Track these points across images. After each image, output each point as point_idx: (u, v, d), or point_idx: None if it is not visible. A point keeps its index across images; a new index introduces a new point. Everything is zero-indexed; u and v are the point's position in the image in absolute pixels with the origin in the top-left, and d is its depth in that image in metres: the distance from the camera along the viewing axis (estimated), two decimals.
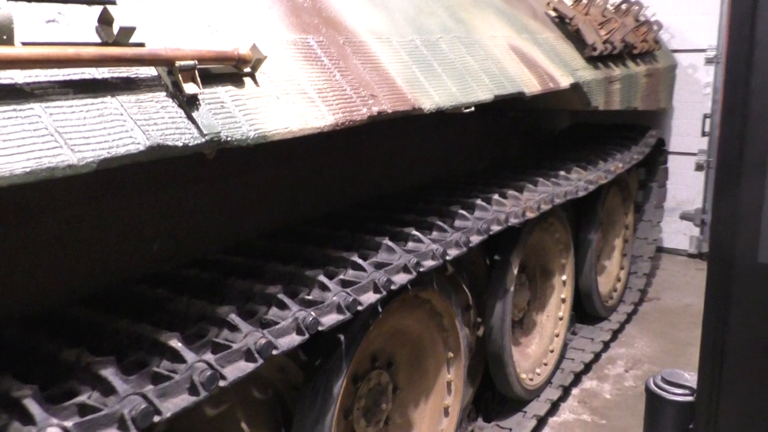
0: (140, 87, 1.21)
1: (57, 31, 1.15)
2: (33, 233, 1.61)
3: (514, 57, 2.60)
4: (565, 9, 3.25)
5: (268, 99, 1.44)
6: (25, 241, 1.59)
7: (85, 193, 1.71)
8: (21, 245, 1.58)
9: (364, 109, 1.67)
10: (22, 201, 1.57)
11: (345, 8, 1.94)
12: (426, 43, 2.15)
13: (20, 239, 1.58)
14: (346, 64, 1.74)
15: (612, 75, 3.39)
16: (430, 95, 1.95)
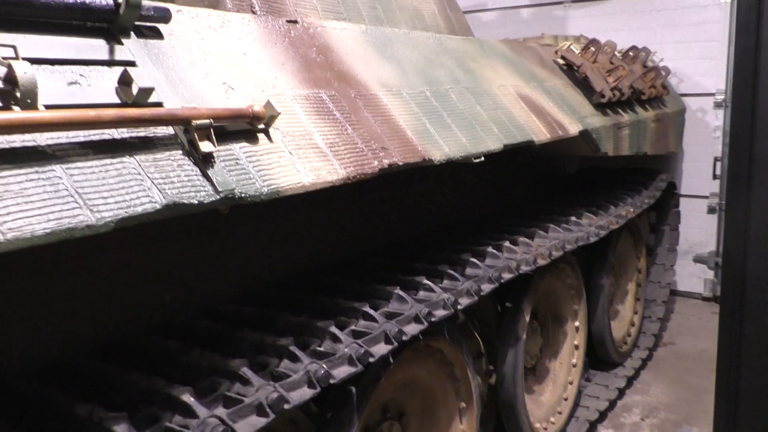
0: (157, 146, 1.24)
1: (79, 93, 1.19)
2: (45, 285, 1.63)
3: (523, 105, 2.64)
4: (572, 57, 3.31)
5: (281, 154, 1.47)
6: (38, 293, 1.61)
7: (97, 244, 1.73)
8: (33, 297, 1.61)
9: (375, 162, 1.70)
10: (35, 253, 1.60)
11: (357, 62, 1.99)
12: (436, 94, 2.19)
13: (32, 291, 1.61)
14: (358, 117, 1.78)
15: (621, 121, 3.42)
16: (440, 146, 1.97)
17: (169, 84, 1.36)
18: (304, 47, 1.85)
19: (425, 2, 2.98)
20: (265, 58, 1.69)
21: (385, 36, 2.24)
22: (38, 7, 1.20)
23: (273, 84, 1.62)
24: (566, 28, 5.78)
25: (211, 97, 1.44)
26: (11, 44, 1.10)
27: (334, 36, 2.01)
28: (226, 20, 1.69)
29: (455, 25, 3.14)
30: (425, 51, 2.38)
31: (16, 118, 1.00)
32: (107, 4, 1.30)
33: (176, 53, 1.45)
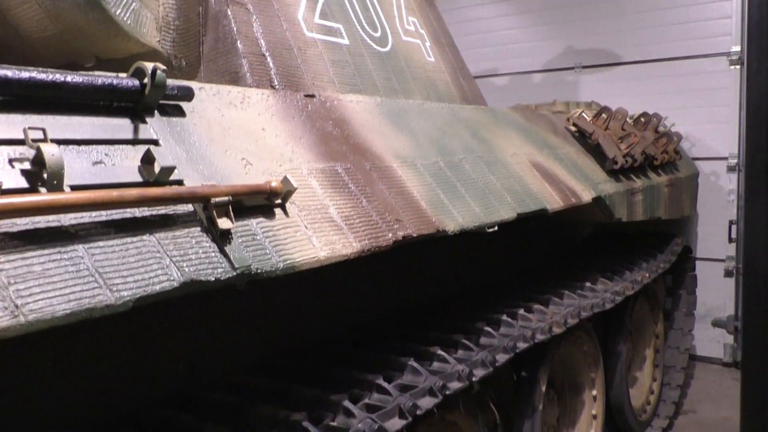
0: (177, 223, 1.27)
1: (103, 172, 1.23)
2: (58, 354, 1.64)
3: (536, 174, 2.67)
4: (584, 124, 3.35)
5: (297, 229, 1.49)
6: (52, 362, 1.62)
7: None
8: (48, 365, 1.61)
9: (390, 234, 1.72)
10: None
11: (372, 134, 2.03)
12: (449, 164, 2.22)
13: (45, 359, 1.61)
14: (372, 189, 1.81)
15: (634, 187, 3.43)
16: (454, 217, 1.99)
17: (190, 161, 1.40)
18: (320, 121, 1.90)
19: (439, 72, 3.06)
20: (283, 133, 1.73)
21: (400, 107, 2.30)
22: (68, 89, 1.26)
23: (290, 158, 1.66)
24: (577, 92, 5.88)
25: (231, 173, 1.47)
26: (41, 127, 1.14)
27: (350, 109, 2.06)
28: (246, 96, 1.74)
29: (468, 94, 3.21)
30: (439, 121, 2.43)
31: (43, 200, 1.03)
32: (133, 85, 1.36)
33: (197, 130, 1.50)
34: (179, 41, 2.01)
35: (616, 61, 5.71)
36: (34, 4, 1.74)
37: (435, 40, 3.19)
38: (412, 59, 2.87)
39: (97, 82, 1.29)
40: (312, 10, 2.35)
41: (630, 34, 5.65)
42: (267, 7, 2.12)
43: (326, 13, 2.41)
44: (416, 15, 3.12)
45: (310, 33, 2.27)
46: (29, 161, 1.11)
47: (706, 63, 5.30)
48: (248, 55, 1.95)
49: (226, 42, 1.96)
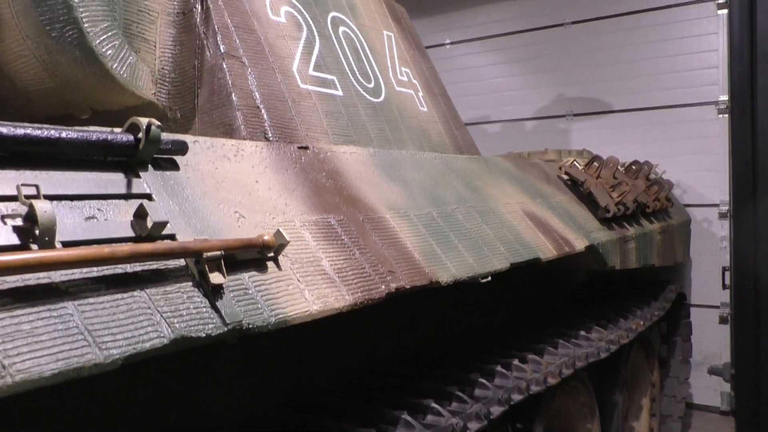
0: (168, 278, 1.26)
1: (95, 228, 1.23)
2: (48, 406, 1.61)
3: (529, 223, 2.68)
4: (576, 173, 3.39)
5: (289, 282, 1.49)
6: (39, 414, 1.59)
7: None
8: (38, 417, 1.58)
9: (383, 287, 1.71)
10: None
11: (365, 185, 2.05)
12: (442, 214, 2.23)
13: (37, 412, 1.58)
14: (365, 241, 1.81)
15: (626, 235, 3.45)
16: (447, 267, 1.99)
17: (183, 215, 1.40)
18: (314, 172, 1.91)
19: (432, 122, 3.10)
20: (276, 185, 1.74)
21: (393, 158, 2.32)
22: (62, 145, 1.27)
23: (283, 211, 1.67)
24: (569, 140, 5.96)
25: (223, 226, 1.47)
26: (34, 183, 1.14)
27: (344, 160, 2.08)
28: (239, 149, 1.75)
29: (461, 143, 3.25)
30: (432, 171, 2.45)
31: (34, 257, 1.02)
32: (128, 140, 1.37)
33: (191, 184, 1.50)
34: (175, 93, 2.04)
35: (607, 109, 5.80)
36: (32, 58, 1.76)
37: (428, 90, 3.24)
38: (405, 109, 2.91)
39: (92, 137, 1.30)
40: (306, 62, 2.39)
41: (620, 83, 5.76)
42: (262, 59, 2.16)
43: (320, 65, 2.45)
44: (409, 65, 3.17)
45: (305, 85, 2.31)
46: (21, 218, 1.11)
47: (694, 111, 5.39)
48: (243, 108, 1.98)
49: (221, 94, 1.99)
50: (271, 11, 2.33)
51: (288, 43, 2.33)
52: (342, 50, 2.63)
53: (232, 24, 2.11)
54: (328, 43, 2.55)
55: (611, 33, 5.75)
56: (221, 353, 2.06)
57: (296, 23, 2.43)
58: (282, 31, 2.34)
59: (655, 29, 5.56)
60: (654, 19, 5.57)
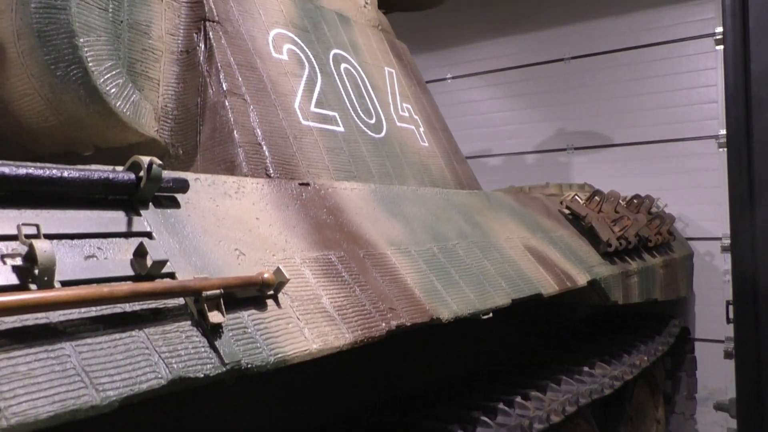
0: (167, 317, 1.26)
1: (95, 267, 1.23)
2: None
3: (530, 258, 2.68)
4: (578, 207, 3.39)
5: (289, 320, 1.48)
6: None
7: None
8: None
9: (383, 324, 1.70)
10: None
11: (366, 221, 2.05)
12: (443, 250, 2.23)
13: None
14: (366, 278, 1.81)
15: (629, 269, 3.44)
16: (448, 304, 1.98)
17: (183, 253, 1.40)
18: (315, 209, 1.92)
19: (433, 157, 3.11)
20: (277, 222, 1.74)
21: (394, 194, 2.33)
22: (64, 184, 1.27)
23: (284, 248, 1.67)
24: (570, 173, 5.98)
25: (223, 264, 1.47)
26: (35, 223, 1.15)
27: (344, 196, 2.08)
28: (241, 186, 1.76)
29: (462, 178, 3.26)
30: (432, 207, 2.45)
31: (32, 298, 1.02)
32: (129, 179, 1.38)
33: (192, 221, 1.51)
34: (177, 130, 2.06)
35: (608, 143, 5.84)
36: (37, 97, 1.78)
37: (429, 125, 3.26)
38: (407, 144, 2.92)
39: (94, 176, 1.31)
40: (308, 99, 2.41)
41: (620, 117, 5.80)
42: (264, 97, 2.18)
43: (322, 102, 2.47)
44: (410, 101, 3.20)
45: (306, 121, 2.33)
46: (21, 257, 1.12)
47: (694, 145, 5.41)
48: (244, 145, 1.99)
49: (223, 132, 2.01)
50: (273, 49, 2.36)
51: (290, 80, 2.36)
52: (344, 87, 2.65)
53: (235, 62, 2.14)
54: (330, 80, 2.58)
55: (611, 68, 5.81)
56: (220, 389, 2.04)
57: (298, 60, 2.46)
58: (284, 68, 2.36)
59: (654, 64, 5.62)
60: (653, 54, 5.63)
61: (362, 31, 3.05)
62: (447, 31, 6.68)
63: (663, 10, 5.61)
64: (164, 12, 2.06)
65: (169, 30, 2.07)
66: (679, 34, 5.52)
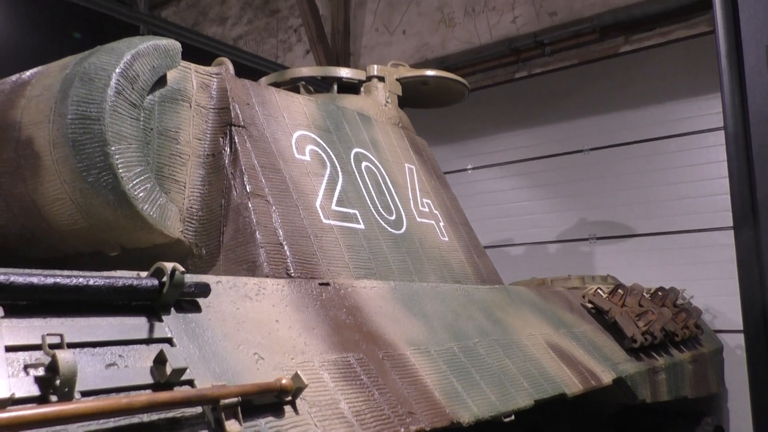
0: (184, 427, 1.25)
1: (115, 375, 1.24)
2: None
3: (553, 355, 2.63)
4: (600, 301, 3.35)
5: (306, 427, 1.46)
6: None
7: None
8: None
9: (402, 429, 1.67)
10: None
11: (385, 321, 2.05)
12: (464, 349, 2.21)
13: None
14: (385, 380, 1.79)
15: (656, 365, 3.35)
16: (469, 407, 1.95)
17: (203, 359, 1.41)
18: (334, 309, 1.93)
19: (453, 251, 3.13)
20: (296, 324, 1.75)
21: (413, 291, 2.33)
22: (88, 292, 1.31)
23: (303, 350, 1.67)
24: (593, 263, 5.94)
25: (242, 369, 1.48)
26: (59, 333, 1.17)
27: (364, 295, 2.09)
28: (261, 287, 1.79)
29: (483, 272, 3.26)
30: (453, 304, 2.45)
31: (52, 412, 1.03)
32: (152, 285, 1.41)
33: (212, 326, 1.52)
34: (201, 231, 2.11)
35: (630, 233, 5.82)
36: (68, 201, 1.85)
37: (449, 220, 3.29)
38: (427, 240, 2.95)
39: (118, 283, 1.34)
40: (329, 197, 2.47)
41: (641, 207, 5.81)
42: (286, 197, 2.24)
43: (343, 200, 2.53)
44: (430, 196, 3.25)
45: (327, 220, 2.37)
46: (44, 367, 1.13)
47: (717, 236, 5.37)
48: (266, 245, 2.03)
49: (245, 232, 2.05)
50: (296, 150, 2.44)
51: (312, 179, 2.42)
52: (364, 184, 2.72)
53: (259, 164, 2.21)
54: (351, 178, 2.65)
55: (631, 159, 5.87)
56: None
57: (320, 160, 2.54)
58: (306, 168, 2.44)
59: (672, 156, 5.68)
60: (670, 146, 5.70)
61: (383, 129, 3.15)
62: (466, 124, 6.85)
63: (678, 103, 5.72)
64: (192, 118, 2.15)
65: (197, 135, 2.16)
66: (695, 126, 5.60)
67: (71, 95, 1.83)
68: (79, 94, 1.82)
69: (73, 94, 1.83)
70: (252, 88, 2.43)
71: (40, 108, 1.87)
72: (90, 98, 1.82)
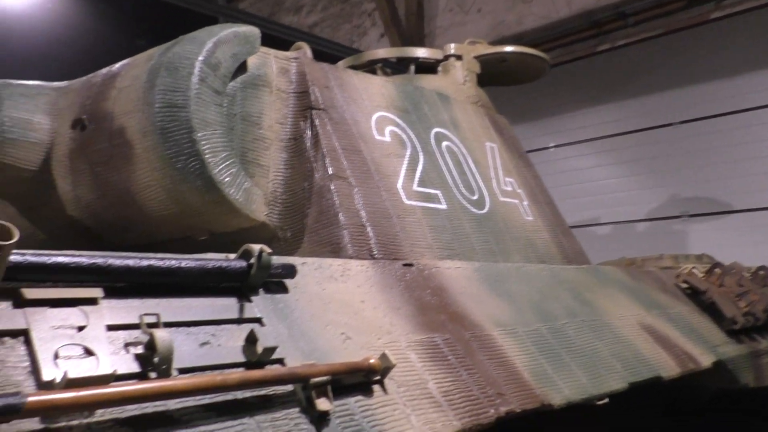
0: (276, 404, 1.27)
1: (209, 354, 1.27)
2: None
3: (647, 337, 2.52)
4: (696, 281, 3.19)
5: (395, 407, 1.45)
6: None
7: None
8: None
9: (492, 410, 1.64)
10: None
11: (470, 301, 2.01)
12: (552, 330, 2.15)
13: None
14: (473, 360, 1.76)
15: (759, 348, 3.16)
16: (560, 388, 1.89)
17: (291, 338, 1.43)
18: (419, 290, 1.91)
19: (538, 231, 3.05)
20: (381, 304, 1.75)
21: (498, 272, 2.28)
22: (180, 274, 1.34)
23: (389, 330, 1.66)
24: (686, 242, 5.67)
25: (330, 349, 1.48)
26: (155, 312, 1.21)
27: (448, 276, 2.07)
28: (346, 269, 1.79)
29: (569, 252, 3.16)
30: (539, 284, 2.39)
31: (152, 387, 1.06)
32: (240, 267, 1.43)
33: (299, 306, 1.54)
34: (285, 214, 2.13)
35: (727, 209, 5.52)
36: (158, 188, 1.91)
37: (533, 199, 3.21)
38: (510, 220, 2.88)
39: (208, 265, 1.37)
40: (411, 178, 2.44)
41: (739, 182, 5.49)
42: (368, 179, 2.24)
43: (425, 180, 2.50)
44: (513, 175, 3.18)
45: (409, 201, 2.35)
46: (143, 345, 1.17)
47: None
48: (349, 227, 2.03)
49: (328, 214, 2.06)
50: (376, 132, 2.43)
51: (393, 160, 2.41)
52: (445, 164, 2.68)
53: (340, 146, 2.21)
54: (432, 158, 2.62)
55: (724, 131, 5.55)
56: None
57: (401, 141, 2.52)
58: (387, 149, 2.42)
59: None
60: None
61: (462, 108, 3.10)
62: (548, 100, 6.66)
63: None
64: (273, 103, 2.18)
65: (278, 119, 2.18)
66: None
67: (158, 84, 1.88)
68: (165, 83, 1.87)
69: (159, 84, 1.88)
70: (330, 71, 2.43)
71: (129, 98, 1.94)
72: (175, 86, 1.86)
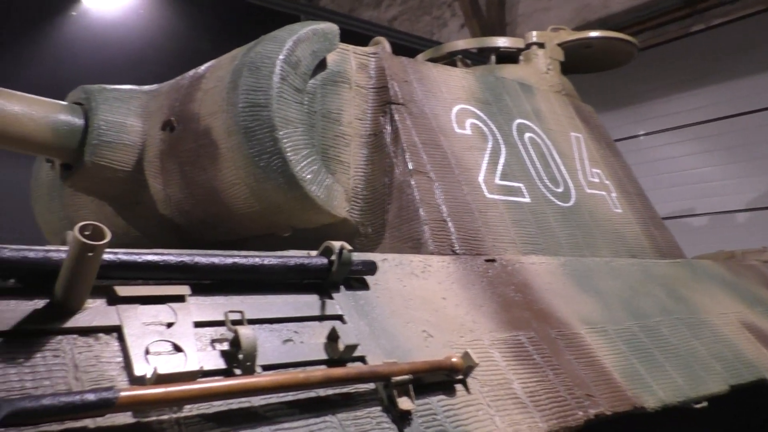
0: (358, 402, 1.27)
1: (292, 351, 1.28)
2: None
3: (749, 336, 2.37)
4: None
5: (479, 407, 1.42)
6: None
7: None
8: None
9: (580, 413, 1.58)
10: None
11: (556, 298, 1.95)
12: (644, 328, 2.05)
13: None
14: (559, 360, 1.70)
15: None
16: (653, 391, 1.80)
17: (372, 336, 1.42)
18: (502, 286, 1.86)
19: (627, 224, 2.92)
20: (463, 301, 1.72)
21: (585, 267, 2.20)
22: (263, 271, 1.36)
23: (471, 329, 1.63)
24: None
25: (411, 347, 1.47)
26: (239, 309, 1.23)
27: (532, 271, 2.01)
28: (426, 265, 1.77)
29: (661, 245, 3.01)
30: (629, 280, 2.28)
31: (238, 384, 1.08)
32: (322, 264, 1.44)
33: (380, 303, 1.53)
34: (366, 210, 2.13)
35: None
36: (243, 186, 1.95)
37: (621, 190, 3.08)
38: (598, 212, 2.78)
39: (290, 263, 1.39)
40: (492, 171, 2.39)
41: None
42: (448, 173, 2.20)
43: (507, 174, 2.44)
44: (600, 166, 3.06)
45: (491, 194, 2.30)
46: (228, 342, 1.19)
47: None
48: (430, 222, 2.01)
49: (409, 210, 2.04)
50: (456, 125, 2.39)
51: (474, 154, 2.36)
52: (528, 156, 2.60)
53: (420, 141, 2.19)
54: (514, 150, 2.55)
55: None
56: None
57: (481, 134, 2.46)
58: (467, 142, 2.38)
59: None
60: None
61: (545, 98, 3.00)
62: (636, 86, 6.38)
63: None
64: (353, 99, 2.18)
65: (358, 115, 2.18)
66: None
67: (241, 85, 1.91)
68: (247, 83, 1.91)
69: (242, 84, 1.91)
70: (409, 64, 2.41)
71: (214, 99, 1.99)
72: (257, 86, 1.89)
